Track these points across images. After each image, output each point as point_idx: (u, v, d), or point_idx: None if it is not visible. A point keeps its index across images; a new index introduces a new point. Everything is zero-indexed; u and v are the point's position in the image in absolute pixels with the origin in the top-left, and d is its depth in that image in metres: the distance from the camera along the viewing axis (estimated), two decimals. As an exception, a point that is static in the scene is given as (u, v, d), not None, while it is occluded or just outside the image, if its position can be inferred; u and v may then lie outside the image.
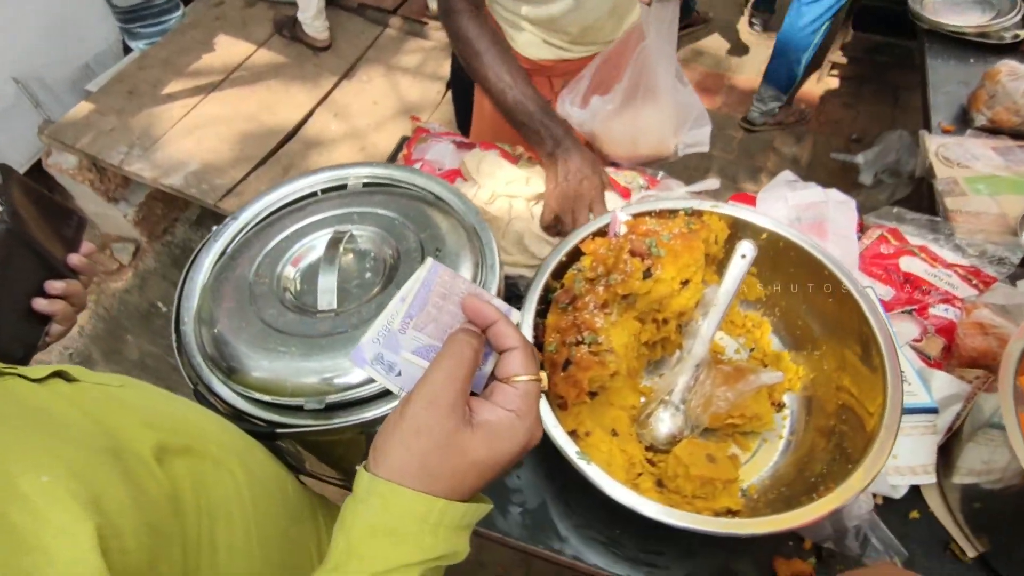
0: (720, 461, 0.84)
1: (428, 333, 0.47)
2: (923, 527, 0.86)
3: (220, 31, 2.98)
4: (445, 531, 0.40)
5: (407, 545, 0.38)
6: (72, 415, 0.40)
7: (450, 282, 0.49)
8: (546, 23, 1.18)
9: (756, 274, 1.02)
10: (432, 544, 0.39)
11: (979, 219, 1.16)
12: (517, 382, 0.44)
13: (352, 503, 0.41)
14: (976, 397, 0.86)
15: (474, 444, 0.41)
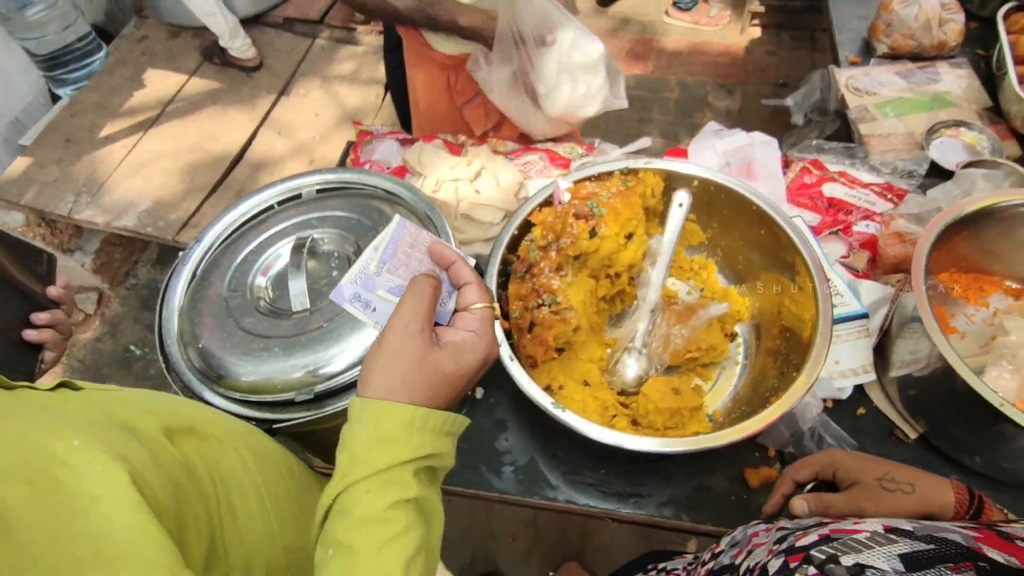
0: (684, 392, 0.92)
1: (399, 275, 0.54)
2: (870, 420, 0.96)
3: (148, 66, 2.94)
4: (429, 434, 0.48)
5: (398, 447, 0.46)
6: (82, 410, 0.45)
7: (416, 233, 0.56)
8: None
9: (695, 220, 1.10)
10: (420, 444, 0.47)
11: (890, 140, 1.27)
12: (474, 309, 0.53)
13: (348, 427, 0.48)
14: (899, 297, 0.95)
15: (444, 360, 0.49)
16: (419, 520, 0.47)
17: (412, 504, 0.46)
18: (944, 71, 1.37)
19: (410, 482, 0.46)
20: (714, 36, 3.07)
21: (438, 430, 0.48)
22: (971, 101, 1.31)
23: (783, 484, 0.67)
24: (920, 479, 0.61)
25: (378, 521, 0.44)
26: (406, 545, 0.45)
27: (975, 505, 0.59)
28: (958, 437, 0.89)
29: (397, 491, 0.45)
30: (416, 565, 0.45)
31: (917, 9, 1.36)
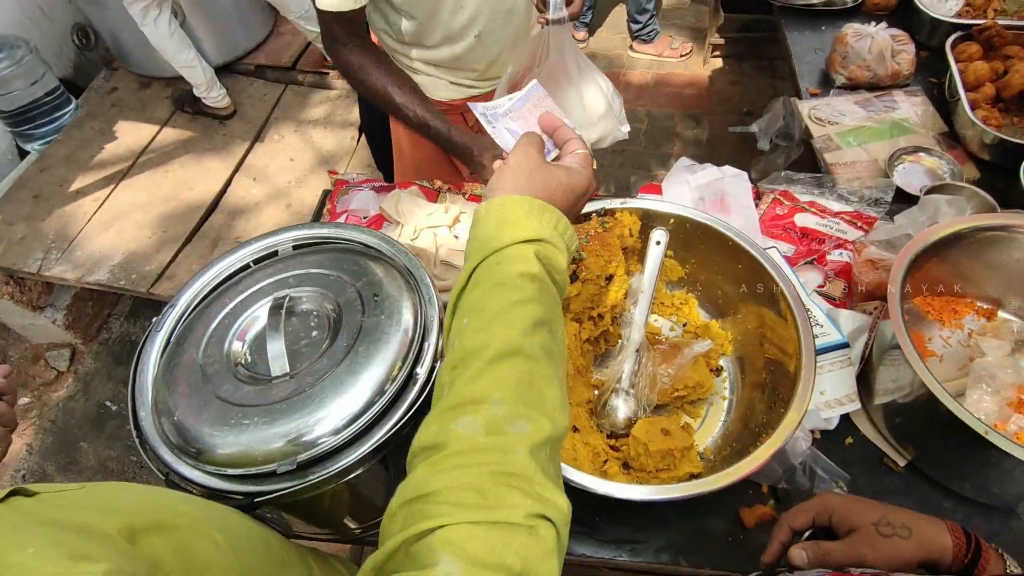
0: (675, 432, 0.92)
1: (519, 125, 0.71)
2: (858, 449, 0.96)
3: (119, 117, 2.92)
4: (545, 223, 0.56)
5: (521, 227, 0.54)
6: (37, 517, 0.42)
7: (542, 99, 0.73)
8: (451, 64, 1.25)
9: (674, 256, 1.11)
10: (537, 227, 0.55)
11: (855, 167, 1.30)
12: (578, 152, 0.66)
13: (475, 225, 0.57)
14: (877, 325, 0.97)
15: (557, 173, 0.62)
16: (542, 298, 0.53)
17: (536, 280, 0.53)
18: (900, 99, 1.42)
19: (532, 259, 0.53)
20: (678, 67, 3.16)
21: (552, 223, 0.57)
22: (928, 127, 1.36)
23: (780, 532, 0.66)
24: (915, 521, 0.60)
25: (509, 286, 0.52)
26: (533, 310, 0.51)
27: (972, 548, 0.58)
28: (946, 463, 0.90)
29: (522, 264, 0.53)
30: (540, 332, 0.51)
31: (870, 42, 1.41)
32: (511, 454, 0.45)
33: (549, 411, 0.49)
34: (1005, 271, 1.02)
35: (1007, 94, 1.35)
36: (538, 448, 0.46)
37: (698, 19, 3.35)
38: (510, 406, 0.47)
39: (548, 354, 0.51)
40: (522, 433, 0.46)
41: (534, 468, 0.45)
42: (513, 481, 0.44)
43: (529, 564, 0.41)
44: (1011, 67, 1.37)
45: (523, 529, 0.42)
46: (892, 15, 1.64)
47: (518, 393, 0.48)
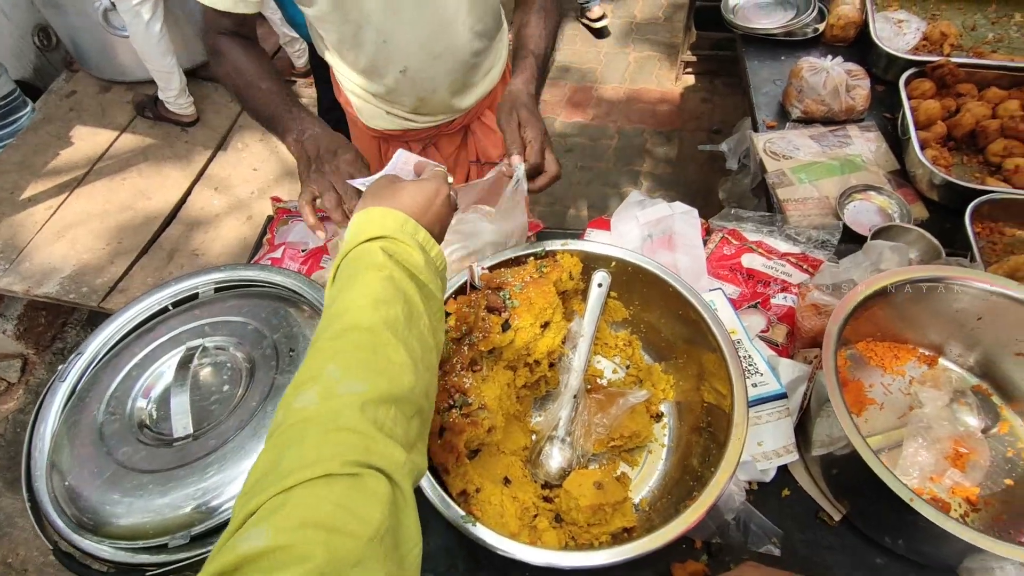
0: (608, 486, 0.89)
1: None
2: (795, 502, 0.95)
3: (77, 122, 2.84)
4: (387, 223, 0.63)
5: (365, 231, 0.62)
6: None
7: (410, 158, 0.83)
8: (383, 95, 1.22)
9: (618, 297, 1.09)
10: (380, 228, 0.62)
11: (806, 204, 1.30)
12: (434, 170, 0.77)
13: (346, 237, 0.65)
14: (816, 376, 0.95)
15: (406, 186, 0.69)
16: (387, 283, 0.58)
17: (382, 268, 0.58)
18: (855, 134, 1.42)
19: (376, 251, 0.60)
20: (651, 83, 3.15)
21: (399, 224, 0.64)
22: (880, 165, 1.36)
23: None
24: None
25: (358, 277, 0.58)
26: (375, 291, 0.56)
27: None
28: (878, 521, 0.89)
29: (368, 257, 0.60)
30: (383, 308, 0.55)
31: (825, 76, 1.41)
32: (340, 413, 0.47)
33: (391, 373, 0.52)
34: (946, 319, 1.01)
35: (958, 133, 1.35)
36: (371, 404, 0.49)
37: (672, 35, 3.35)
38: (345, 371, 0.50)
39: (391, 327, 0.55)
40: (354, 393, 0.49)
41: (364, 422, 0.47)
42: (339, 436, 0.46)
43: (351, 511, 0.42)
44: (963, 105, 1.37)
45: (343, 478, 0.43)
46: (851, 47, 1.64)
47: (356, 359, 0.52)
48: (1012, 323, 0.93)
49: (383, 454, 0.47)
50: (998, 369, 1.01)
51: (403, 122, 1.26)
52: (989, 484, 0.94)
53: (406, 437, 0.51)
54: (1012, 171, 1.26)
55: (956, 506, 0.92)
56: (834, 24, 1.62)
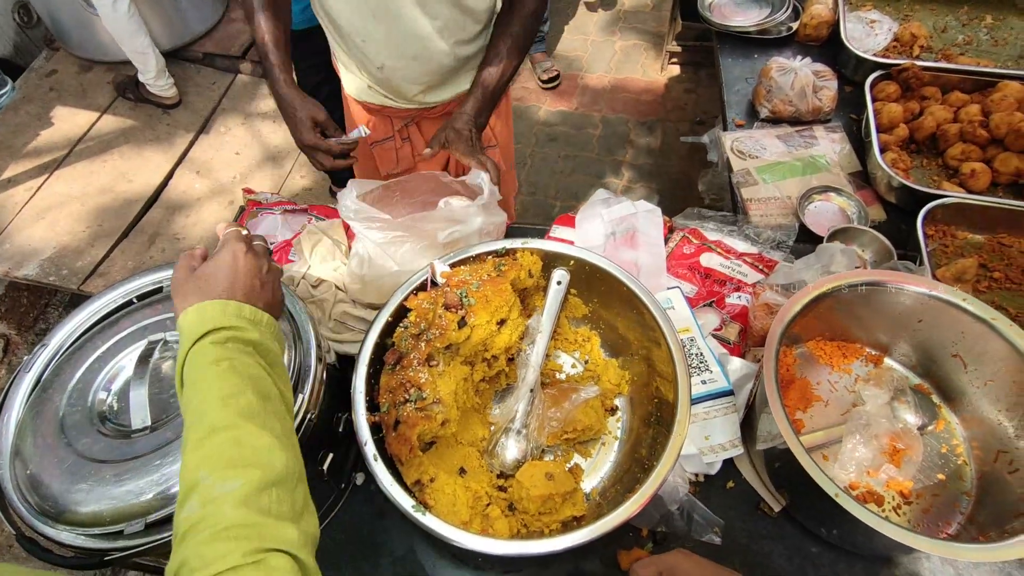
0: (558, 477, 0.93)
1: None
2: (738, 494, 1.00)
3: (57, 102, 2.82)
4: (205, 318, 0.64)
5: (188, 334, 0.63)
6: None
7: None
8: (366, 78, 1.26)
9: (578, 294, 1.12)
10: (204, 319, 0.63)
11: (768, 204, 1.33)
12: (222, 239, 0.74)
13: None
14: (761, 374, 0.99)
15: (205, 269, 0.68)
16: (230, 374, 0.60)
17: (220, 362, 0.61)
18: (820, 135, 1.45)
19: (208, 348, 0.62)
20: (636, 73, 3.15)
21: (219, 311, 0.64)
22: (843, 166, 1.39)
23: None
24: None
25: (198, 381, 0.60)
26: (221, 388, 0.59)
27: None
28: (814, 512, 0.93)
29: (201, 357, 0.61)
30: (233, 401, 0.58)
31: (793, 77, 1.43)
32: (224, 514, 0.51)
33: (261, 460, 0.56)
34: (891, 320, 1.05)
35: (920, 136, 1.38)
36: (252, 496, 0.53)
37: (658, 24, 3.34)
38: (217, 473, 0.54)
39: (247, 415, 0.58)
40: (231, 491, 0.52)
41: (250, 514, 0.51)
42: (228, 533, 0.50)
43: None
44: (926, 108, 1.40)
45: (247, 568, 0.48)
46: (823, 47, 1.66)
47: (223, 459, 0.55)
48: (947, 325, 0.97)
49: (277, 536, 0.51)
50: (939, 369, 1.05)
51: (382, 99, 1.31)
52: (923, 478, 0.98)
53: (292, 510, 0.55)
54: (968, 175, 1.29)
55: (890, 499, 0.97)
56: (807, 23, 1.64)
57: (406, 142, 1.41)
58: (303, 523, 0.55)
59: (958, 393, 1.03)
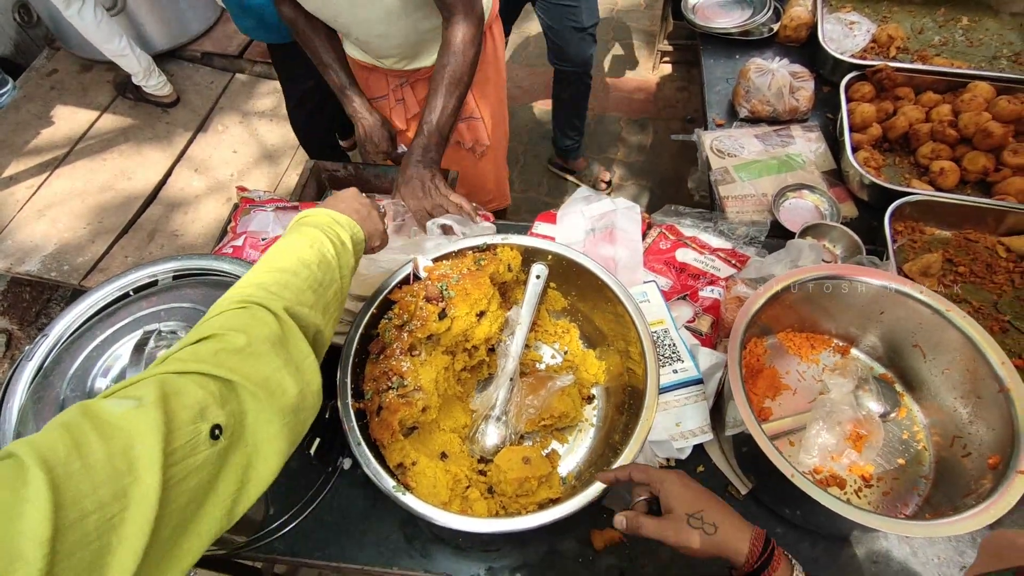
0: (535, 461, 0.98)
1: None
2: (708, 477, 1.04)
3: (58, 101, 2.86)
4: (324, 216, 0.83)
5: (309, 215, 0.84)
6: None
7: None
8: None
9: (557, 288, 1.16)
10: (321, 221, 0.82)
11: (744, 202, 1.37)
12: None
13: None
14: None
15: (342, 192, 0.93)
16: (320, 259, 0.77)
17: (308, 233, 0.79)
18: (798, 134, 1.49)
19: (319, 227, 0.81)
20: (628, 71, 3.19)
21: (326, 216, 0.84)
22: (818, 164, 1.43)
23: (622, 473, 0.79)
24: (726, 522, 0.70)
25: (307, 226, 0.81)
26: (307, 236, 0.78)
27: (766, 555, 0.67)
28: (778, 493, 0.98)
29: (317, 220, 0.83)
30: (313, 248, 0.77)
31: (770, 78, 1.47)
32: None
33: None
34: (856, 312, 1.09)
35: (892, 135, 1.42)
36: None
37: (651, 23, 3.38)
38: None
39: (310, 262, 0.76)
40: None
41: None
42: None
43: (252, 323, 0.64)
44: (899, 108, 1.45)
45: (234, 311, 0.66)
46: (803, 48, 1.70)
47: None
48: (907, 317, 1.02)
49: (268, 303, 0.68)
50: (901, 359, 1.10)
51: (374, 60, 1.43)
52: (884, 463, 1.03)
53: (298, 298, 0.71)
54: (938, 173, 1.34)
55: (852, 482, 1.02)
56: (787, 25, 1.68)
57: (400, 103, 1.53)
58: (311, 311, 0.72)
59: (919, 382, 1.07)
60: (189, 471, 0.50)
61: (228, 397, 0.57)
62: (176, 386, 0.54)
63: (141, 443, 0.47)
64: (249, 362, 0.60)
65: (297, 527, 1.02)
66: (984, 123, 1.31)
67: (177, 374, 0.56)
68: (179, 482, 0.49)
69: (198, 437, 0.52)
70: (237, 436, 0.56)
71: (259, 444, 0.58)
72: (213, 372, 0.57)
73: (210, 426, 0.53)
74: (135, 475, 0.46)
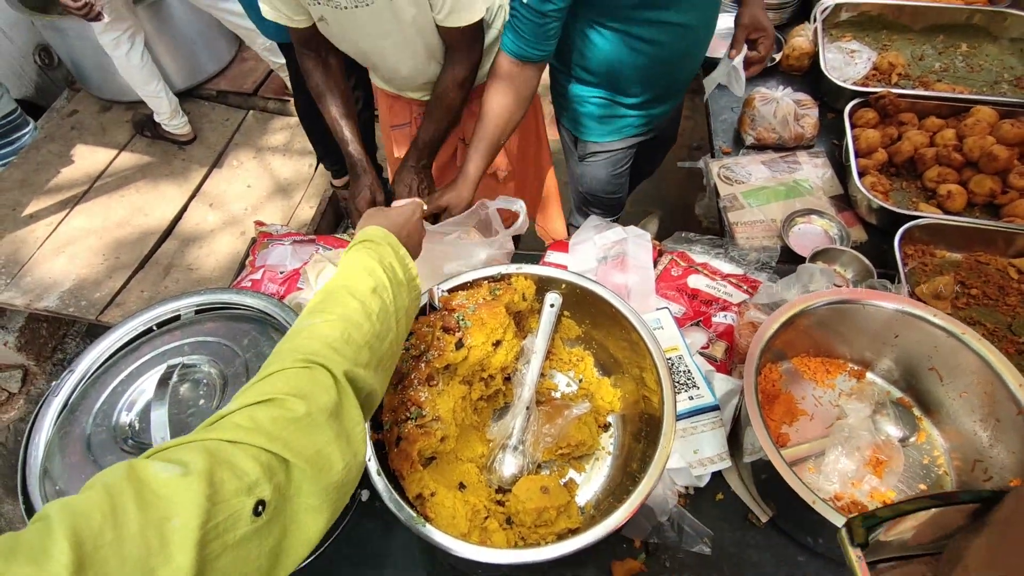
0: (553, 490, 0.98)
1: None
2: (727, 505, 1.03)
3: (78, 141, 2.95)
4: (377, 236, 0.84)
5: (369, 234, 0.84)
6: None
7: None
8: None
9: (571, 316, 1.18)
10: (384, 252, 0.82)
11: (753, 228, 1.39)
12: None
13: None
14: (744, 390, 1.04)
15: (393, 211, 0.94)
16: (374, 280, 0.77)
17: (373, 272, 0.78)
18: (804, 160, 1.51)
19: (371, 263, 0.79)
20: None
21: (379, 235, 0.84)
22: (825, 189, 1.45)
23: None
24: None
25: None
26: (373, 276, 0.77)
27: None
28: (799, 521, 0.97)
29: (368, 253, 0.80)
30: (376, 294, 0.75)
31: (775, 106, 1.50)
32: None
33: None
34: (870, 336, 1.10)
35: (898, 160, 1.44)
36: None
37: (654, 54, 3.45)
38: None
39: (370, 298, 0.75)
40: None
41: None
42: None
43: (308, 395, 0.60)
44: (904, 133, 1.47)
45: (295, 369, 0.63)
46: (806, 76, 1.74)
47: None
48: (922, 340, 1.02)
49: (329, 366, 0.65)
50: (918, 383, 1.09)
51: (397, 90, 1.53)
52: (905, 489, 1.02)
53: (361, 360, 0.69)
54: (945, 196, 1.35)
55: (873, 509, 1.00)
56: (789, 55, 1.72)
57: None
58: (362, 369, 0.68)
59: (937, 405, 1.07)
60: (225, 547, 0.48)
61: (277, 470, 0.54)
62: (227, 455, 0.51)
63: (178, 517, 0.45)
64: (304, 434, 0.57)
65: (315, 561, 1.02)
66: (989, 147, 1.33)
67: (231, 443, 0.53)
68: (214, 559, 0.47)
69: (241, 511, 0.49)
70: (279, 511, 0.53)
71: (299, 518, 0.55)
72: (268, 447, 0.54)
73: (255, 501, 0.50)
74: (167, 555, 0.43)
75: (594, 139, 1.55)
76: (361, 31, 1.30)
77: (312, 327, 0.68)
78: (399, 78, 1.46)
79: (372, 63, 1.45)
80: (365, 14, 1.24)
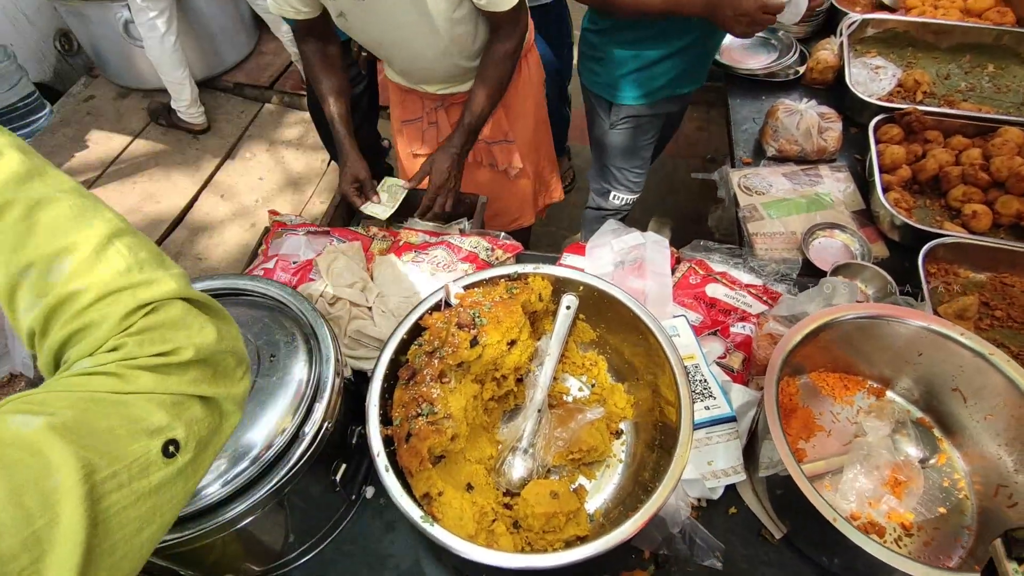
0: (563, 496, 0.95)
1: None
2: (740, 520, 1.01)
3: (93, 126, 2.95)
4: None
5: None
6: None
7: None
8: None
9: (586, 319, 1.16)
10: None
11: (773, 239, 1.37)
12: None
13: None
14: (763, 401, 1.01)
15: None
16: None
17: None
18: (826, 174, 1.49)
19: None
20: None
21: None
22: (847, 204, 1.43)
23: None
24: None
25: None
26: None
27: None
28: (815, 539, 0.94)
29: None
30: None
31: (799, 119, 1.49)
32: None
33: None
34: (892, 353, 1.07)
35: (923, 177, 1.42)
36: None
37: (672, 65, 3.44)
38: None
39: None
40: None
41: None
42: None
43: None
44: (928, 151, 1.45)
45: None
46: (829, 90, 1.72)
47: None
48: (946, 360, 1.00)
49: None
50: (940, 403, 1.07)
51: (412, 84, 1.52)
52: (924, 511, 0.99)
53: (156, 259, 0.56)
54: (970, 216, 1.33)
55: (891, 530, 0.98)
56: (813, 68, 1.71)
57: (433, 126, 1.62)
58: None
59: (959, 427, 1.04)
60: (139, 495, 0.43)
61: (188, 406, 0.49)
62: (111, 401, 0.45)
63: (58, 473, 0.39)
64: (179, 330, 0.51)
65: (316, 556, 0.99)
66: (1017, 167, 1.31)
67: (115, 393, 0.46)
68: (123, 509, 0.42)
69: (146, 456, 0.44)
70: (206, 443, 0.50)
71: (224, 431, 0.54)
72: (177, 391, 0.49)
73: (163, 442, 0.46)
74: (53, 515, 0.38)
75: (629, 102, 1.61)
76: (383, 21, 1.29)
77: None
78: (417, 69, 1.45)
79: (389, 55, 1.45)
80: (387, 3, 1.23)
